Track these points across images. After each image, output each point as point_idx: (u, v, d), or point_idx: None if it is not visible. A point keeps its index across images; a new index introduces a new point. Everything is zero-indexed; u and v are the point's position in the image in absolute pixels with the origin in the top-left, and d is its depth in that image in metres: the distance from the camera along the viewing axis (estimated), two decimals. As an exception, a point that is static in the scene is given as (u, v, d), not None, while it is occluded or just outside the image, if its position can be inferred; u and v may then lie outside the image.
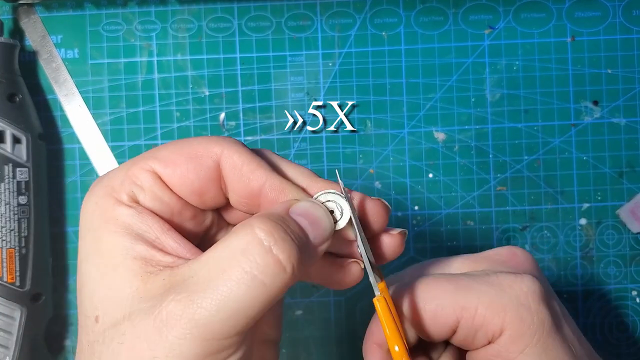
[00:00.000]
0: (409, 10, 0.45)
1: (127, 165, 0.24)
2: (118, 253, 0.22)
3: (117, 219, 0.23)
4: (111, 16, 0.45)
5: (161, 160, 0.24)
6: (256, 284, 0.20)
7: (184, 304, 0.20)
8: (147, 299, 0.21)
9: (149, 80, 0.45)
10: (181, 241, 0.23)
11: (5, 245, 0.40)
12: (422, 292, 0.26)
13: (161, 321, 0.20)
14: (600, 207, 0.45)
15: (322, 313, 0.45)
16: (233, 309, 0.20)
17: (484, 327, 0.25)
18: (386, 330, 0.24)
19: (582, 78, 0.45)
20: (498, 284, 0.26)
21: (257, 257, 0.20)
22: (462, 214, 0.45)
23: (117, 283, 0.22)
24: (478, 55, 0.45)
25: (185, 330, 0.20)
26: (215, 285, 0.20)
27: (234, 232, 0.21)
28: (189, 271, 0.21)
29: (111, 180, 0.24)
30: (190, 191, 0.24)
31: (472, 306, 0.25)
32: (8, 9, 0.45)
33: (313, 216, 0.23)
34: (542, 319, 0.25)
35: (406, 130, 0.45)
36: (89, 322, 0.22)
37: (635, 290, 0.45)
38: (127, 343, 0.21)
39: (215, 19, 0.45)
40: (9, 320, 0.40)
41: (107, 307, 0.22)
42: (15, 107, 0.42)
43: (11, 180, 0.41)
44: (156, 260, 0.22)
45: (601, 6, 0.45)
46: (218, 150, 0.24)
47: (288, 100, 0.45)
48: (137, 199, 0.23)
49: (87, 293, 0.23)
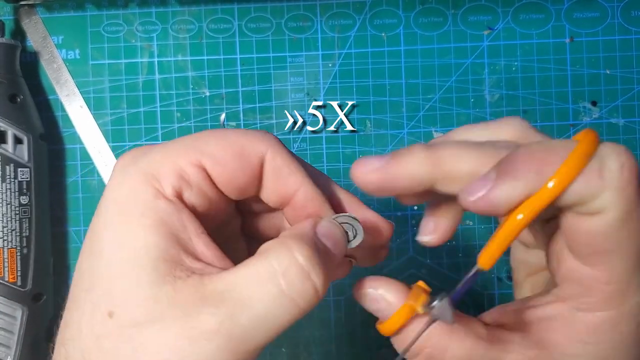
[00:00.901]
0: (408, 11, 0.45)
1: (172, 154, 0.23)
2: (150, 252, 0.21)
3: (155, 212, 0.22)
4: (112, 17, 0.45)
5: (210, 157, 0.23)
6: (292, 305, 0.21)
7: (222, 319, 0.20)
8: (177, 306, 0.21)
9: (149, 81, 0.45)
10: (211, 246, 0.23)
11: (7, 245, 0.41)
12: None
13: (198, 332, 0.20)
14: (599, 207, 0.45)
15: (322, 313, 0.45)
16: (268, 328, 0.21)
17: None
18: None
19: (580, 78, 0.45)
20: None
21: (297, 280, 0.21)
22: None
23: (143, 283, 0.21)
24: (477, 56, 0.45)
25: (220, 344, 0.20)
26: (254, 304, 0.20)
27: (272, 250, 0.21)
28: (223, 284, 0.21)
29: (151, 166, 0.23)
30: (236, 188, 0.24)
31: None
32: (9, 10, 0.45)
33: (335, 237, 0.24)
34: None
35: (406, 130, 0.45)
36: (97, 313, 0.21)
37: (634, 290, 0.45)
38: (152, 346, 0.20)
39: (215, 20, 0.45)
40: (10, 320, 0.40)
41: (128, 306, 0.21)
42: (16, 107, 0.42)
43: (12, 181, 0.41)
44: (186, 265, 0.22)
45: (600, 7, 0.45)
46: (264, 149, 0.24)
47: (288, 100, 0.45)
48: (181, 195, 0.23)
49: (104, 283, 0.21)
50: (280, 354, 0.45)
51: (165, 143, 0.24)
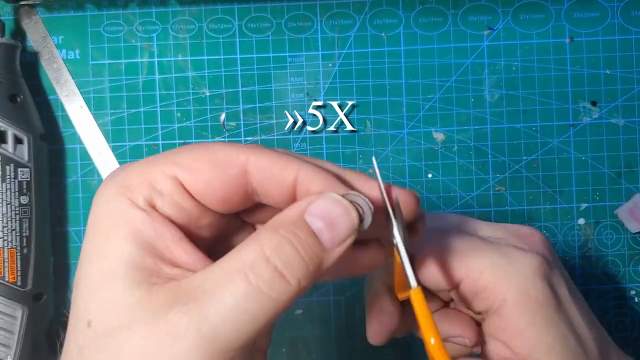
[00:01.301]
0: (408, 11, 0.45)
1: (145, 166, 0.23)
2: (123, 260, 0.21)
3: (128, 222, 0.22)
4: (112, 17, 0.45)
5: (183, 167, 0.23)
6: (263, 297, 0.20)
7: (190, 316, 0.20)
8: (150, 309, 0.20)
9: (149, 81, 0.45)
10: (192, 252, 0.23)
11: (7, 245, 0.41)
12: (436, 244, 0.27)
13: (167, 332, 0.20)
14: (599, 207, 0.45)
15: (321, 312, 0.45)
16: (240, 321, 0.20)
17: (486, 292, 0.26)
18: (421, 322, 0.23)
19: (580, 78, 0.45)
20: (508, 255, 0.26)
21: (264, 272, 0.20)
22: (461, 214, 0.45)
23: (117, 291, 0.21)
24: (477, 56, 0.45)
25: (191, 342, 0.20)
26: (221, 296, 0.20)
27: (244, 245, 0.21)
28: (193, 283, 0.21)
29: (127, 180, 0.23)
30: (214, 198, 0.23)
31: (478, 269, 0.26)
32: (9, 10, 0.45)
33: (330, 217, 0.22)
34: (546, 298, 0.26)
35: (405, 130, 0.45)
36: (79, 326, 0.21)
37: (634, 290, 0.45)
38: (127, 353, 0.20)
39: (215, 19, 0.45)
40: (10, 320, 0.40)
41: (103, 314, 0.21)
42: (16, 107, 0.42)
43: (13, 180, 0.41)
44: (163, 273, 0.22)
45: (600, 7, 0.45)
46: (244, 158, 0.23)
47: (288, 100, 0.45)
48: (154, 204, 0.23)
49: (83, 295, 0.22)
50: (280, 353, 0.45)
51: (144, 158, 0.24)
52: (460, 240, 0.27)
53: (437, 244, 0.27)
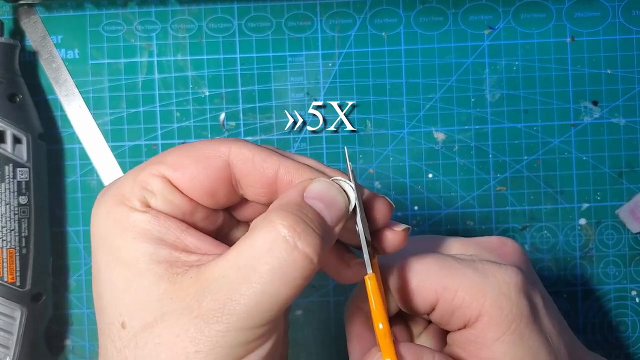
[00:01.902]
0: (408, 11, 0.45)
1: (135, 172, 0.24)
2: (141, 259, 0.22)
3: (134, 226, 0.23)
4: (111, 16, 0.45)
5: (169, 165, 0.24)
6: (287, 278, 0.21)
7: (223, 302, 0.21)
8: (179, 299, 0.21)
9: (149, 81, 0.45)
10: (202, 237, 0.24)
11: (6, 245, 0.40)
12: (409, 266, 0.27)
13: (202, 318, 0.21)
14: (600, 207, 0.45)
15: (322, 313, 0.45)
16: (269, 302, 0.21)
17: (462, 309, 0.26)
18: (372, 307, 0.24)
19: (581, 78, 0.45)
20: (482, 270, 0.26)
21: (284, 254, 0.21)
22: (462, 214, 0.45)
23: (143, 288, 0.22)
24: (478, 56, 0.45)
25: (227, 324, 0.21)
26: (248, 284, 0.21)
27: (257, 228, 0.22)
28: (218, 270, 0.22)
29: (120, 188, 0.24)
30: (201, 192, 0.24)
31: (453, 288, 0.26)
32: (8, 9, 0.45)
33: (328, 197, 0.23)
34: (521, 310, 0.25)
35: (406, 130, 0.45)
36: (114, 329, 0.22)
37: (635, 290, 0.45)
38: (165, 343, 0.21)
39: (215, 19, 0.45)
40: (9, 320, 0.40)
41: (135, 312, 0.22)
42: (15, 107, 0.42)
43: (11, 180, 0.41)
44: (181, 261, 0.23)
45: (601, 6, 0.45)
46: (225, 149, 0.24)
47: (288, 100, 0.45)
48: (149, 204, 0.24)
49: (110, 300, 0.23)
50: (280, 354, 0.45)
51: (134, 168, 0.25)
52: (433, 260, 0.27)
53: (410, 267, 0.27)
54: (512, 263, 0.28)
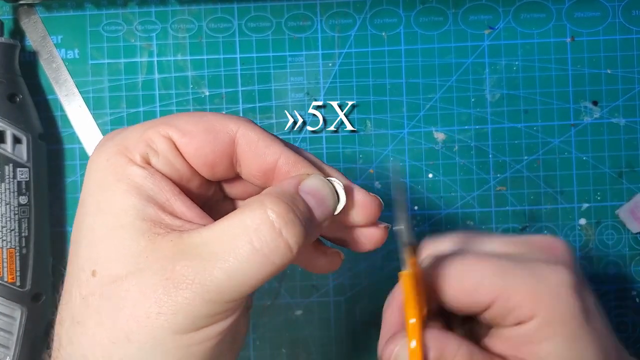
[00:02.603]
0: (408, 11, 0.45)
1: (143, 127, 0.24)
2: (128, 212, 0.23)
3: (129, 178, 0.23)
4: (111, 16, 0.45)
5: (179, 129, 0.24)
6: (265, 260, 0.21)
7: (197, 270, 0.21)
8: (155, 259, 0.22)
9: (149, 81, 0.45)
10: (191, 205, 0.24)
11: (6, 245, 0.40)
12: (462, 267, 0.27)
13: (172, 282, 0.21)
14: (600, 207, 0.45)
15: (321, 313, 0.45)
16: (241, 280, 0.21)
17: (517, 310, 0.26)
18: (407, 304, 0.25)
19: (581, 78, 0.45)
20: (535, 271, 0.26)
21: (268, 237, 0.21)
22: (462, 214, 0.45)
23: (123, 241, 0.22)
24: (478, 56, 0.45)
25: (195, 293, 0.21)
26: (226, 257, 0.21)
27: (248, 207, 0.22)
28: (200, 238, 0.22)
29: (125, 139, 0.24)
30: (204, 162, 0.25)
31: (509, 290, 0.26)
32: (8, 9, 0.45)
33: (320, 194, 0.24)
34: (573, 310, 0.26)
35: (406, 130, 0.45)
36: (83, 276, 0.22)
37: (635, 291, 0.45)
38: (131, 298, 0.21)
39: (215, 19, 0.45)
40: (9, 320, 0.40)
41: (108, 263, 0.22)
42: (15, 107, 0.42)
43: (12, 181, 0.41)
44: (165, 222, 0.23)
45: (601, 6, 0.45)
46: (234, 127, 0.25)
47: (288, 100, 0.45)
48: (149, 161, 0.24)
49: (86, 246, 0.23)
50: (280, 354, 0.45)
51: (141, 123, 0.25)
52: (489, 262, 0.27)
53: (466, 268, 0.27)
54: (563, 262, 0.28)
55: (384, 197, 0.45)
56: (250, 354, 0.45)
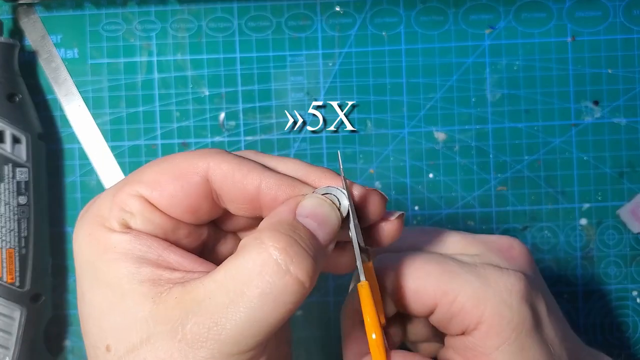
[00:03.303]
0: (409, 10, 0.45)
1: (112, 191, 0.24)
2: (124, 280, 0.22)
3: (114, 247, 0.22)
4: (111, 16, 0.45)
5: (146, 184, 0.23)
6: (277, 304, 0.20)
7: (209, 327, 0.20)
8: (164, 321, 0.21)
9: (148, 80, 0.45)
10: (185, 254, 0.23)
11: (5, 245, 0.40)
12: (408, 269, 0.26)
13: (186, 343, 0.20)
14: (601, 207, 0.45)
15: (322, 313, 0.45)
16: (256, 329, 0.20)
17: (461, 315, 0.25)
18: (367, 318, 0.24)
19: (582, 78, 0.45)
20: (484, 276, 0.26)
21: (276, 278, 0.20)
22: (463, 214, 0.45)
23: (128, 309, 0.21)
24: (478, 55, 0.45)
25: (212, 350, 0.20)
26: (236, 308, 0.20)
27: (247, 249, 0.21)
28: (204, 292, 0.21)
29: (99, 210, 0.23)
30: (181, 210, 0.23)
31: (453, 293, 0.25)
32: (8, 9, 0.45)
33: (320, 215, 0.22)
34: (522, 318, 0.25)
35: (406, 130, 0.45)
36: (99, 353, 0.22)
37: (636, 291, 0.45)
38: None
39: (215, 18, 0.45)
40: (8, 321, 0.40)
41: (120, 335, 0.21)
42: (14, 107, 0.42)
43: (11, 180, 0.41)
44: (165, 278, 0.22)
45: (602, 6, 0.45)
46: (204, 165, 0.23)
47: (288, 100, 0.45)
48: (128, 225, 0.23)
49: (95, 323, 0.22)
50: (280, 355, 0.45)
51: (112, 186, 0.24)
52: (433, 264, 0.26)
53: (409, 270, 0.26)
54: (518, 267, 0.27)
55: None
56: (250, 355, 0.45)
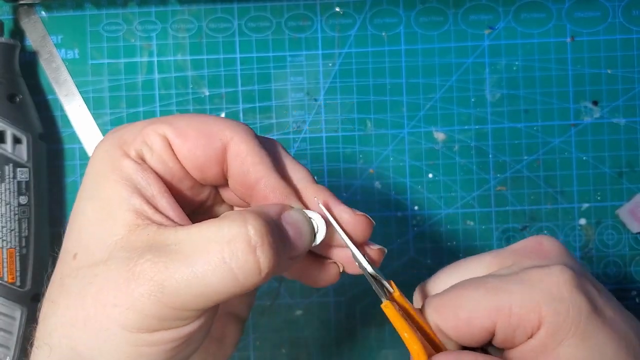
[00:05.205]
0: (409, 11, 0.45)
1: (143, 124, 0.25)
2: (115, 201, 0.23)
3: (121, 169, 0.24)
4: (111, 16, 0.45)
5: (175, 129, 0.24)
6: (230, 276, 0.21)
7: (158, 268, 0.21)
8: (127, 249, 0.22)
9: (149, 81, 0.45)
10: (174, 205, 0.24)
11: (6, 245, 0.40)
12: (452, 301, 0.26)
13: (133, 274, 0.21)
14: (600, 207, 0.45)
15: (322, 314, 0.45)
16: (201, 291, 0.21)
17: (522, 325, 0.25)
18: (403, 335, 0.24)
19: (581, 78, 0.45)
20: (527, 279, 0.25)
21: (240, 252, 0.21)
22: (462, 214, 0.45)
23: (106, 228, 0.23)
24: (478, 56, 0.45)
25: (150, 291, 0.21)
26: (192, 262, 0.21)
27: (228, 218, 0.22)
28: (173, 237, 0.22)
29: (124, 134, 0.25)
30: (194, 165, 0.25)
31: (505, 307, 0.25)
32: (8, 9, 0.45)
33: (300, 230, 0.24)
34: (578, 307, 0.24)
35: (406, 130, 0.45)
36: (67, 258, 0.23)
37: (635, 291, 0.45)
38: (97, 284, 0.21)
39: (215, 19, 0.45)
40: (9, 320, 0.40)
41: (89, 248, 0.22)
42: (15, 107, 0.42)
43: (12, 181, 0.41)
44: (147, 215, 0.23)
45: (601, 6, 0.45)
46: (229, 134, 0.25)
47: (288, 100, 0.45)
48: (144, 157, 0.24)
49: (75, 230, 0.24)
50: (280, 355, 0.45)
51: (144, 120, 0.26)
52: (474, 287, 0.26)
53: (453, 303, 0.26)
54: (556, 261, 0.26)
55: (384, 197, 0.45)
56: (250, 354, 0.45)
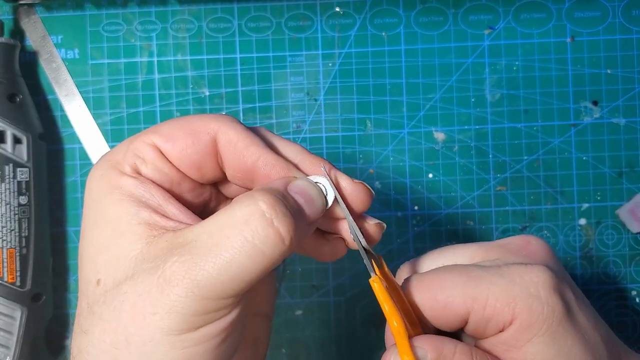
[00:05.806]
0: (408, 11, 0.45)
1: (130, 139, 0.25)
2: (124, 219, 0.23)
3: (121, 188, 0.24)
4: (111, 16, 0.45)
5: (162, 135, 0.25)
6: (256, 252, 0.21)
7: (188, 266, 0.21)
8: (150, 259, 0.22)
9: (149, 81, 0.45)
10: (182, 208, 0.24)
11: (6, 245, 0.40)
12: (433, 283, 0.27)
13: (164, 280, 0.21)
14: (600, 207, 0.45)
15: (322, 313, 0.45)
16: (233, 273, 0.21)
17: (495, 317, 0.25)
18: (384, 307, 0.25)
19: (581, 78, 0.45)
20: (509, 274, 0.26)
21: (259, 227, 0.21)
22: (462, 214, 0.45)
23: (122, 247, 0.23)
24: (478, 56, 0.45)
25: (187, 289, 0.21)
26: (217, 250, 0.21)
27: (238, 201, 0.22)
28: (191, 235, 0.22)
29: (115, 154, 0.25)
30: (189, 164, 0.25)
31: (482, 297, 0.25)
32: (8, 9, 0.45)
33: (308, 195, 0.24)
34: (553, 308, 0.25)
35: (406, 130, 0.45)
36: (90, 286, 0.23)
37: (635, 290, 0.45)
38: (129, 301, 0.22)
39: (215, 19, 0.45)
40: (9, 320, 0.40)
41: (110, 270, 0.23)
42: (15, 107, 0.42)
43: (12, 181, 0.41)
44: (160, 225, 0.23)
45: (601, 6, 0.45)
46: (215, 126, 0.25)
47: (288, 100, 0.45)
48: (139, 170, 0.25)
49: (90, 258, 0.24)
50: (280, 354, 0.45)
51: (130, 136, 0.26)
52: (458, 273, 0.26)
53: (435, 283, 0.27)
54: (539, 261, 0.27)
55: (384, 197, 0.45)
56: (250, 354, 0.45)
